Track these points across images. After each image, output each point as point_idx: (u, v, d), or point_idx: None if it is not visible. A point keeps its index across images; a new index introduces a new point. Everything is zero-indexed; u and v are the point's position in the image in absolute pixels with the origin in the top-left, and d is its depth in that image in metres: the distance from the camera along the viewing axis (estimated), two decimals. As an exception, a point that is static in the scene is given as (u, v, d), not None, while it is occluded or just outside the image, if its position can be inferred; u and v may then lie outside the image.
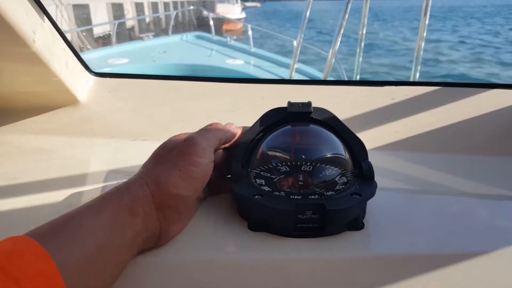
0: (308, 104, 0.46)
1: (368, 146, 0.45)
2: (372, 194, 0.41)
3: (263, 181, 0.42)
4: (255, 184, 0.42)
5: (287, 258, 0.38)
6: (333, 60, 1.85)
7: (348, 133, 0.46)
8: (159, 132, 0.63)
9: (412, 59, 1.72)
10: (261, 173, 0.43)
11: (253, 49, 4.94)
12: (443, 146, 0.59)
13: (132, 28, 8.76)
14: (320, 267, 0.38)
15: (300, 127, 0.45)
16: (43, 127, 0.67)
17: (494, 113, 0.60)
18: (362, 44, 2.06)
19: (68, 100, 0.67)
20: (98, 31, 6.92)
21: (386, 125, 0.61)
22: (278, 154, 0.44)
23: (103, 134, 0.65)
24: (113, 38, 5.05)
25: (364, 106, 0.62)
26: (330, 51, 1.85)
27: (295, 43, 2.88)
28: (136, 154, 0.57)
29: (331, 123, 0.46)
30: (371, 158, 0.45)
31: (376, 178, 0.42)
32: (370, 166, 0.43)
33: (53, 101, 0.67)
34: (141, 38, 5.82)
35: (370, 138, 0.58)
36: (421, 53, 1.68)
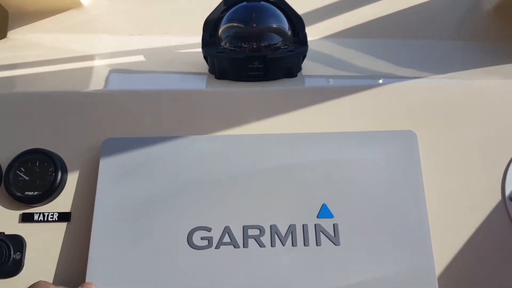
0: None
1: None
2: (304, 51, 0.58)
3: (227, 44, 0.58)
4: (220, 47, 0.58)
5: (242, 91, 0.56)
6: None
7: (292, 11, 0.61)
8: (150, 29, 0.78)
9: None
10: (225, 38, 0.59)
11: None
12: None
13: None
14: (265, 99, 0.55)
15: (253, 3, 0.60)
16: (53, 27, 0.81)
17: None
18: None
19: (73, 4, 0.81)
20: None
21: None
22: (236, 24, 0.59)
23: (103, 32, 0.80)
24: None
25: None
26: None
27: None
28: (133, 46, 0.73)
29: (279, 3, 0.61)
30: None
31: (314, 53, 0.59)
32: (305, 35, 0.59)
33: (60, 4, 0.81)
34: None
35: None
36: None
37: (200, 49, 0.59)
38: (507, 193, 0.51)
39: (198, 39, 0.60)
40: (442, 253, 0.49)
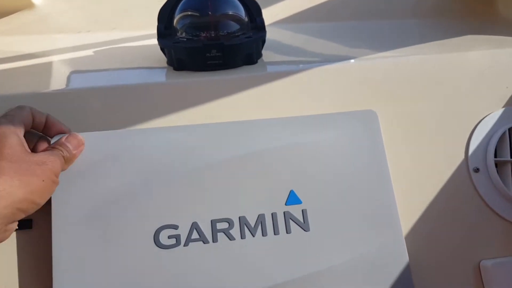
0: None
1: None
2: (262, 37, 0.56)
3: (183, 34, 0.56)
4: (176, 37, 0.56)
5: (202, 81, 0.54)
6: None
7: None
8: (104, 25, 0.75)
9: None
10: (181, 28, 0.57)
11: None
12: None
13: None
14: (225, 87, 0.54)
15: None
16: (4, 28, 0.77)
17: None
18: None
19: (24, 4, 0.77)
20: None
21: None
22: (191, 13, 0.57)
23: (57, 31, 0.76)
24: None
25: None
26: None
27: None
28: (88, 43, 0.71)
29: None
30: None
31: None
32: (262, 21, 0.58)
33: (11, 5, 0.76)
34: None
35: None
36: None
37: (156, 42, 0.57)
38: (470, 164, 0.52)
39: (154, 31, 0.57)
40: (411, 228, 0.49)
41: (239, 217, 0.46)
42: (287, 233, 0.46)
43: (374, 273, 0.45)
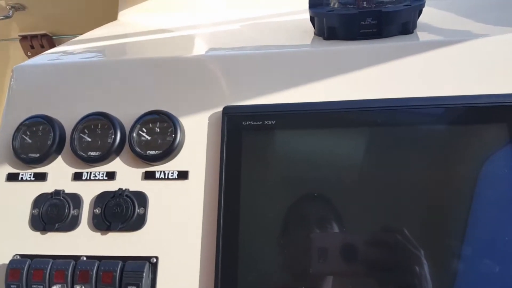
0: None
1: None
2: (421, 5, 0.53)
3: (335, 5, 0.56)
4: (329, 7, 0.56)
5: (355, 49, 0.53)
6: None
7: None
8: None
9: None
10: (334, -2, 0.57)
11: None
12: None
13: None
14: (380, 55, 0.52)
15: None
16: (148, 7, 0.85)
17: None
18: None
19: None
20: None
21: None
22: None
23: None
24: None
25: None
26: None
27: None
28: (230, 18, 0.74)
29: None
30: None
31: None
32: None
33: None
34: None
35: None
36: None
37: (302, 17, 0.58)
38: None
39: (295, 8, 0.58)
40: None
41: None
42: None
43: None
